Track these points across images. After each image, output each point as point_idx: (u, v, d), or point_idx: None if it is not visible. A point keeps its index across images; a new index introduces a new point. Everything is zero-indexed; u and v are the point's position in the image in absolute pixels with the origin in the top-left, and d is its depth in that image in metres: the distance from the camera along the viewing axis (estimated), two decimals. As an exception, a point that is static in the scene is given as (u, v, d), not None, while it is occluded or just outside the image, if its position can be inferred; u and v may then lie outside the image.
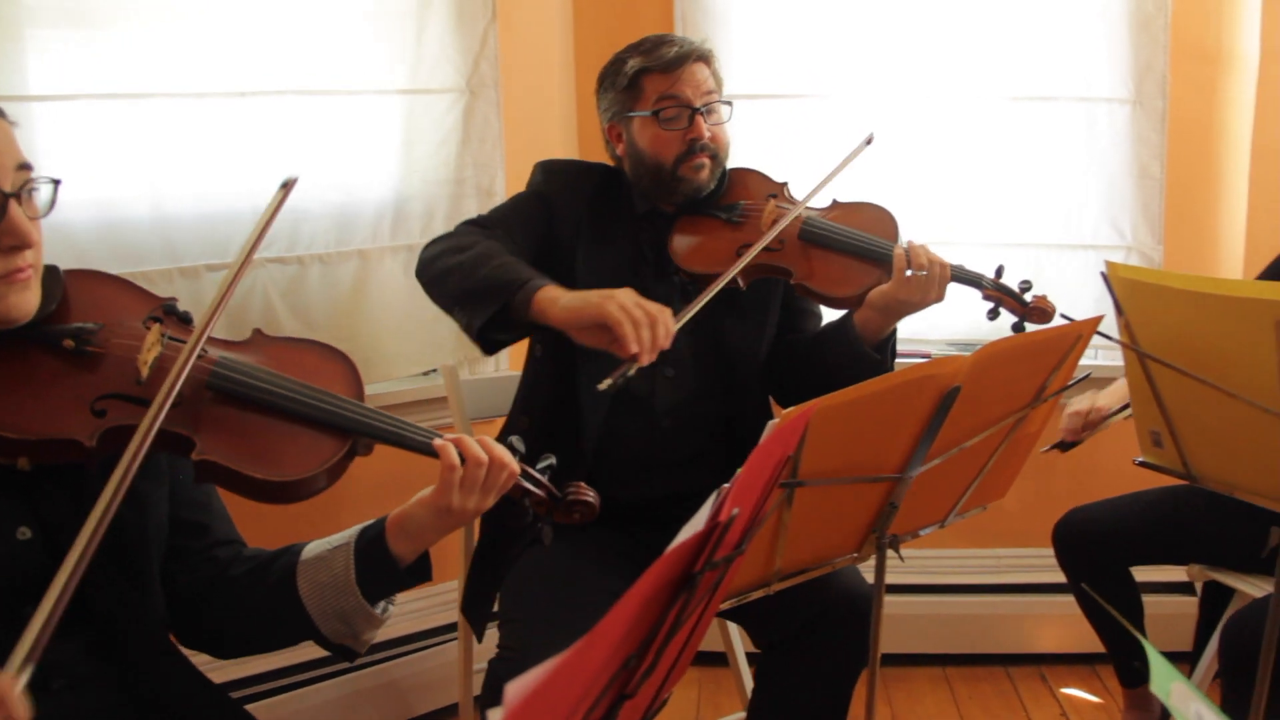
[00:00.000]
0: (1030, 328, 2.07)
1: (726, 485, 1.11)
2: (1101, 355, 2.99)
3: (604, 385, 1.79)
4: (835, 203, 2.24)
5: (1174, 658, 2.64)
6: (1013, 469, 1.89)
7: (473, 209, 2.74)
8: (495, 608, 2.14)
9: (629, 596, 0.91)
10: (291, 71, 2.47)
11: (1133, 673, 2.64)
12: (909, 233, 2.15)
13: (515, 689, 0.79)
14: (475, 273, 1.93)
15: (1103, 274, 1.78)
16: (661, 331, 1.81)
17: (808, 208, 2.17)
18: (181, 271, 2.38)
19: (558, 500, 1.55)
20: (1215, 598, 2.57)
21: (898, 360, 2.17)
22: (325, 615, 1.49)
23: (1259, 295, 1.61)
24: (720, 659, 2.60)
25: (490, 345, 2.00)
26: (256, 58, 2.43)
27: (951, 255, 2.96)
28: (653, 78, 2.12)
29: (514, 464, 1.49)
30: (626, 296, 1.83)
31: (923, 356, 2.88)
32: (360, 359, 2.59)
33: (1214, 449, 1.85)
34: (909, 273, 2.02)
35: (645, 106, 2.12)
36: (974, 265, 2.14)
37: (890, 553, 1.78)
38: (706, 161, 2.14)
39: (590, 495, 1.55)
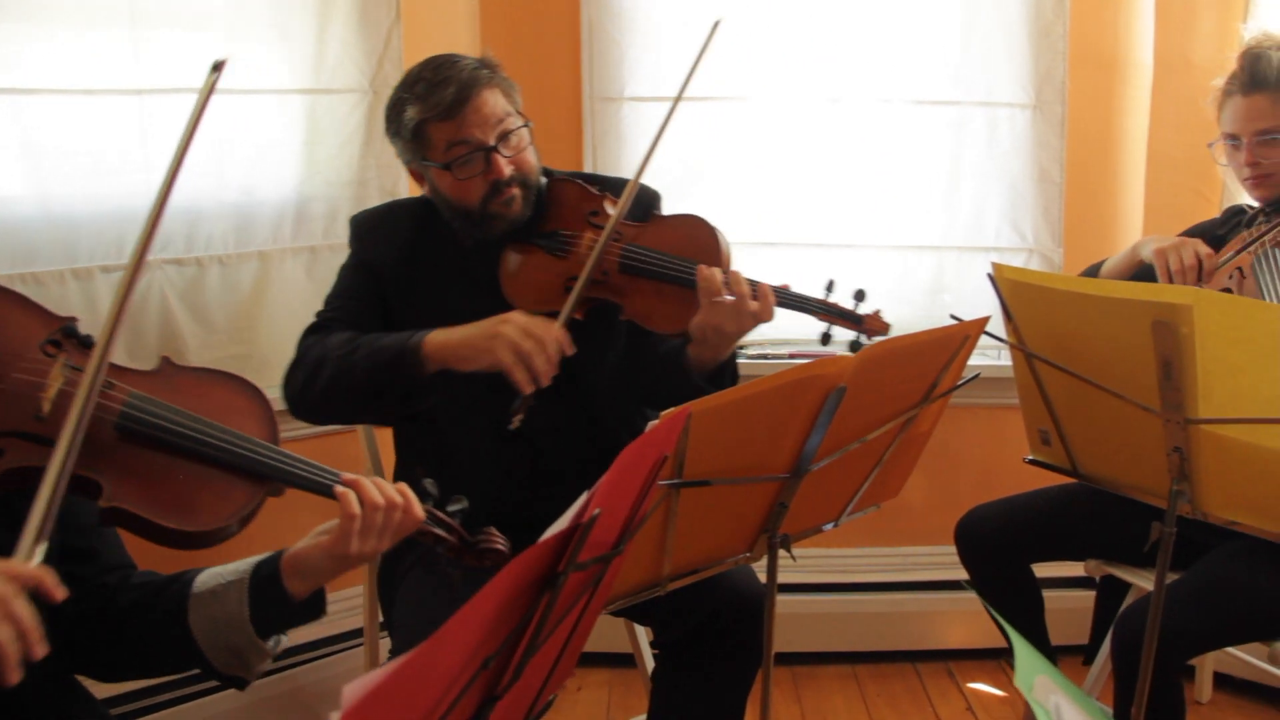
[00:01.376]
0: (867, 344, 1.95)
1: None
2: (1004, 355, 3.03)
3: (515, 424, 1.80)
4: (655, 216, 2.13)
5: (1076, 650, 2.72)
6: (905, 468, 1.92)
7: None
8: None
9: (478, 599, 0.91)
10: (191, 69, 2.42)
11: (1034, 667, 2.68)
12: (817, 234, 2.13)
13: (352, 690, 0.79)
14: (354, 367, 1.90)
15: (989, 275, 1.82)
16: (554, 350, 1.81)
17: (624, 224, 2.06)
18: (75, 273, 2.33)
19: (469, 545, 1.55)
20: (1113, 592, 2.62)
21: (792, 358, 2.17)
22: (216, 649, 1.48)
23: (1137, 296, 1.65)
24: (630, 660, 2.60)
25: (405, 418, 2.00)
26: (155, 54, 2.38)
27: (856, 259, 3.02)
28: (436, 126, 1.97)
29: (417, 509, 1.49)
30: (512, 329, 1.81)
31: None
32: (260, 362, 2.60)
33: (1099, 446, 1.89)
34: (718, 298, 1.92)
35: (437, 157, 1.99)
36: (863, 271, 2.12)
37: (785, 552, 1.79)
38: (516, 193, 2.02)
39: (500, 543, 1.55)
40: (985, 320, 1.75)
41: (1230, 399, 1.64)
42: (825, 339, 2.02)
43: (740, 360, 2.14)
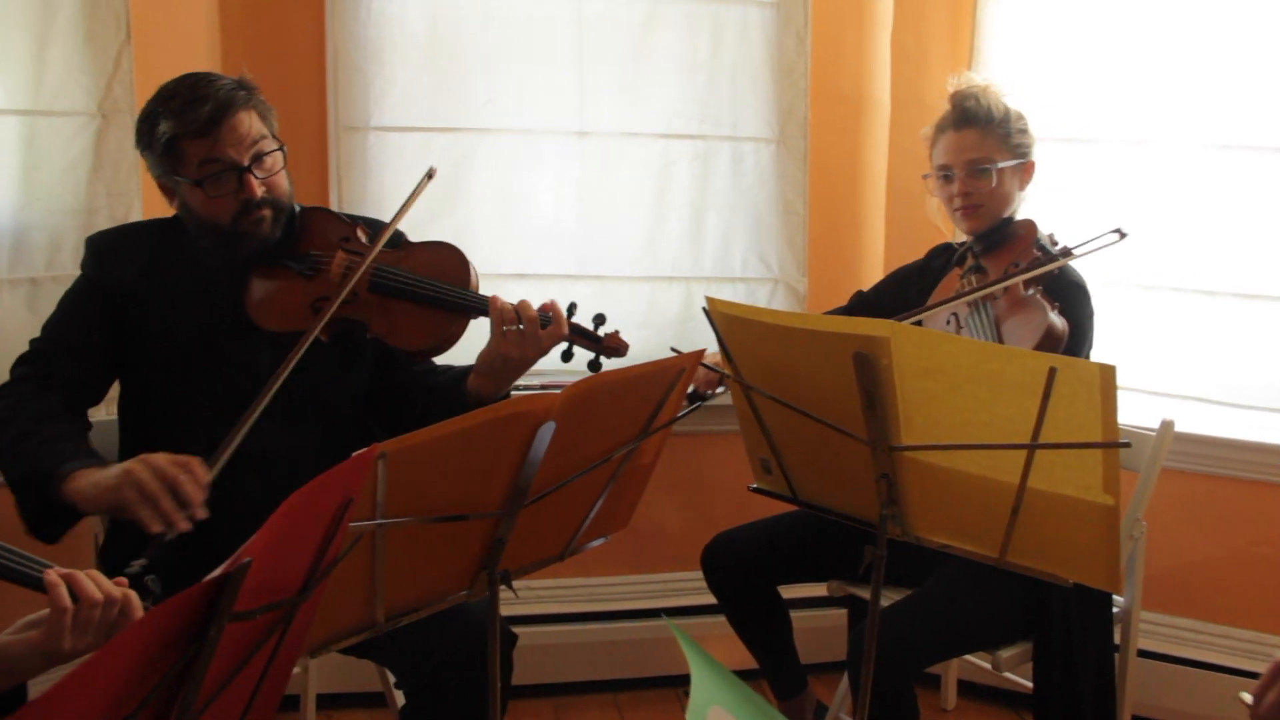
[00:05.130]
0: (606, 363, 2.03)
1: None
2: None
3: (134, 567, 1.65)
4: (406, 242, 2.18)
5: (834, 668, 2.79)
6: (632, 498, 1.93)
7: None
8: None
9: (92, 663, 0.86)
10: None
11: (785, 685, 2.75)
12: (566, 265, 2.16)
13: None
14: (9, 461, 1.88)
15: (704, 309, 1.85)
16: (189, 490, 1.77)
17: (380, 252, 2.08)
18: None
19: None
20: (862, 610, 2.71)
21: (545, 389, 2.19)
22: None
23: (838, 330, 1.71)
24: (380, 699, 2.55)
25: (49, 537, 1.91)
26: None
27: (606, 290, 3.05)
28: (190, 143, 1.97)
29: (137, 608, 1.41)
30: (144, 470, 1.76)
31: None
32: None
33: (815, 473, 1.95)
34: (506, 328, 1.98)
35: (189, 173, 1.98)
36: (613, 302, 2.18)
37: (507, 588, 1.77)
38: (267, 214, 2.03)
39: None
40: (701, 353, 1.78)
41: (928, 426, 1.72)
42: (566, 357, 2.10)
43: None
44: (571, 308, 2.07)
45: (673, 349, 1.82)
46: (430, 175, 2.10)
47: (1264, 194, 2.88)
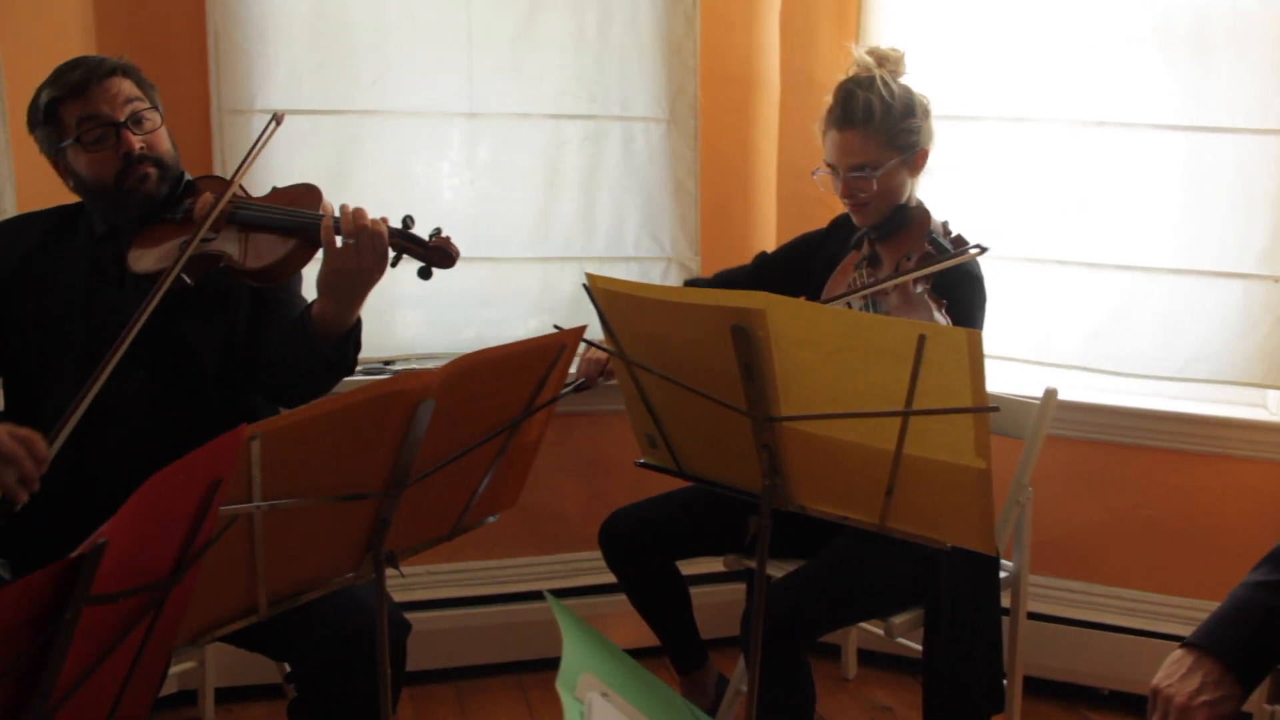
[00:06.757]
0: (436, 272, 2.05)
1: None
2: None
3: None
4: (275, 189, 2.21)
5: (735, 642, 2.82)
6: (518, 477, 1.93)
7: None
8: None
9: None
10: None
11: (686, 661, 2.78)
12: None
13: None
14: None
15: (584, 286, 1.86)
16: (29, 466, 1.78)
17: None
18: None
19: None
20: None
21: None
22: None
23: (716, 303, 1.73)
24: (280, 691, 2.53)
25: None
26: None
27: (499, 271, 3.04)
28: (67, 104, 2.07)
29: None
30: None
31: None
32: None
33: (700, 447, 1.97)
34: (339, 241, 1.99)
35: (69, 135, 2.08)
36: (507, 285, 2.18)
37: (394, 570, 1.77)
38: (150, 171, 2.11)
39: None
40: (583, 329, 1.79)
41: (806, 396, 1.74)
42: (394, 262, 2.05)
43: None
44: (406, 220, 2.06)
45: (555, 325, 1.83)
46: (278, 121, 2.13)
47: (1138, 169, 2.97)
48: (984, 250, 2.29)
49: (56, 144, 2.10)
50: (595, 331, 1.91)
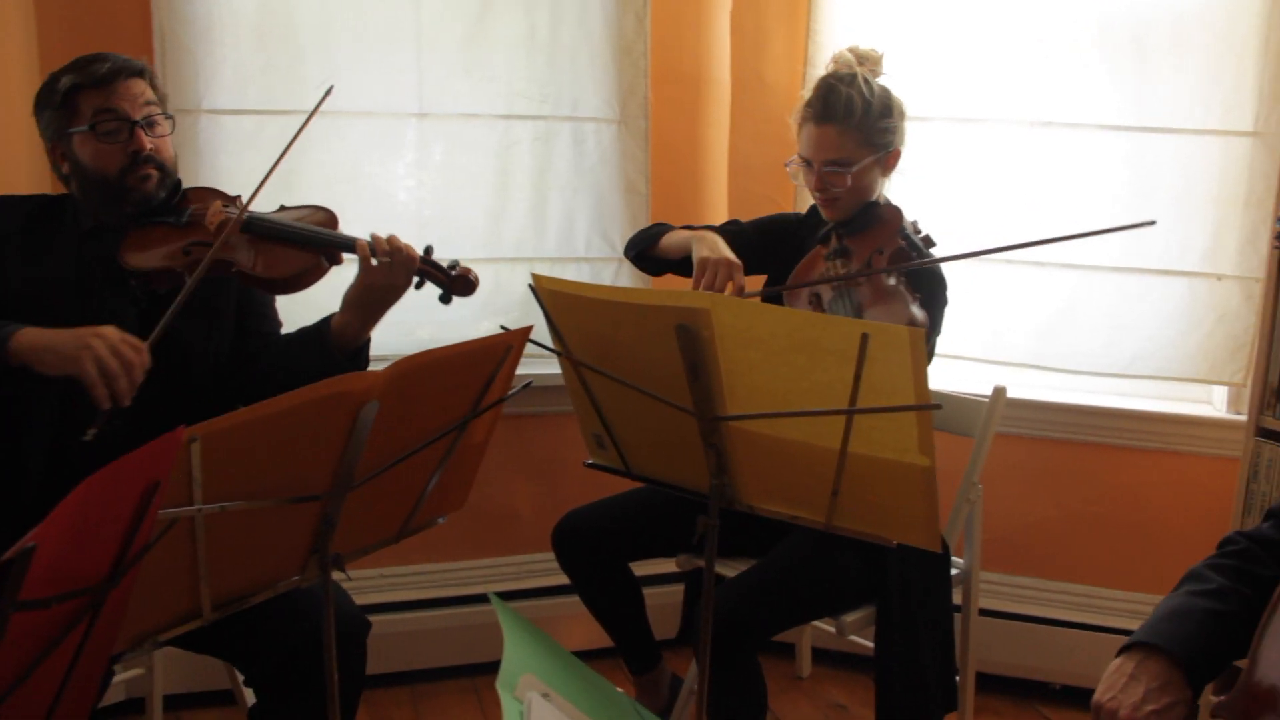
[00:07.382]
0: (457, 300, 2.22)
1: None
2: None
3: (89, 435, 1.81)
4: (282, 207, 2.28)
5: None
6: (466, 479, 1.92)
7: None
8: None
9: None
10: None
11: (639, 661, 2.78)
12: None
13: None
14: None
15: (530, 286, 1.86)
16: (139, 374, 1.87)
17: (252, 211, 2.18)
18: None
19: None
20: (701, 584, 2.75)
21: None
22: None
23: (661, 303, 1.73)
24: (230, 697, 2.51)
25: None
26: None
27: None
28: (87, 94, 2.10)
29: None
30: (103, 344, 1.85)
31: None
32: None
33: (648, 447, 1.97)
34: (376, 259, 2.10)
35: (83, 123, 2.10)
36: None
37: (341, 573, 1.75)
38: (153, 173, 2.15)
39: None
40: (529, 330, 1.79)
41: (750, 395, 1.75)
42: (419, 284, 2.20)
43: None
44: (428, 249, 2.20)
45: (502, 326, 1.83)
46: (328, 92, 2.22)
47: (1083, 168, 3.01)
48: (932, 245, 2.34)
49: (64, 128, 2.11)
50: (542, 332, 1.91)
